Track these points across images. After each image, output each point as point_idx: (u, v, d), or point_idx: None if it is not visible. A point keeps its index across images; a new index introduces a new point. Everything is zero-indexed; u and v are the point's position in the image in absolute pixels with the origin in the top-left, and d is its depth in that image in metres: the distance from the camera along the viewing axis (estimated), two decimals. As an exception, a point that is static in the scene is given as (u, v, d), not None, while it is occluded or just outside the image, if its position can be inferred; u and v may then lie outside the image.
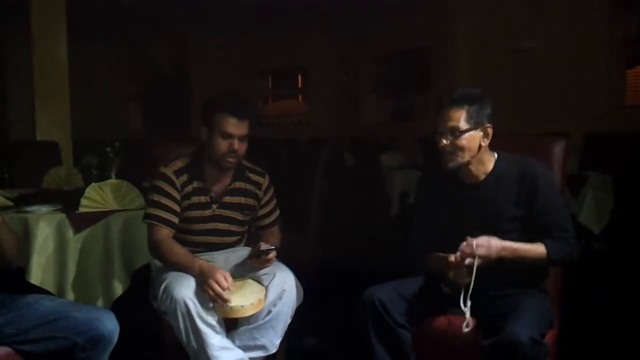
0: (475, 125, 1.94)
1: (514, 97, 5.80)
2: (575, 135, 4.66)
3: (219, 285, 2.00)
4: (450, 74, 7.14)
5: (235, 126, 2.18)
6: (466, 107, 1.93)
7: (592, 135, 5.16)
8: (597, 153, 4.86)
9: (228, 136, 2.18)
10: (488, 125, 1.96)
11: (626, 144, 4.79)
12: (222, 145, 2.19)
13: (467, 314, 1.82)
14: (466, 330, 1.81)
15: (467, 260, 1.82)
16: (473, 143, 1.95)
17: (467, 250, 1.83)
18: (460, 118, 1.93)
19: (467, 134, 1.93)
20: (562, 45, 6.02)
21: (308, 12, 7.86)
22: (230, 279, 2.04)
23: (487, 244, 1.85)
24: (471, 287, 1.83)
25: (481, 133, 1.95)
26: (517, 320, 1.73)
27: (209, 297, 2.01)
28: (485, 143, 1.97)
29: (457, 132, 1.93)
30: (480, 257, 1.83)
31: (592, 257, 4.10)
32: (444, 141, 1.95)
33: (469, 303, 1.83)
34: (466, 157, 1.96)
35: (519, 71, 6.42)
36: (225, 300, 2.00)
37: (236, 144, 2.19)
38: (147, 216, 2.22)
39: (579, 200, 4.27)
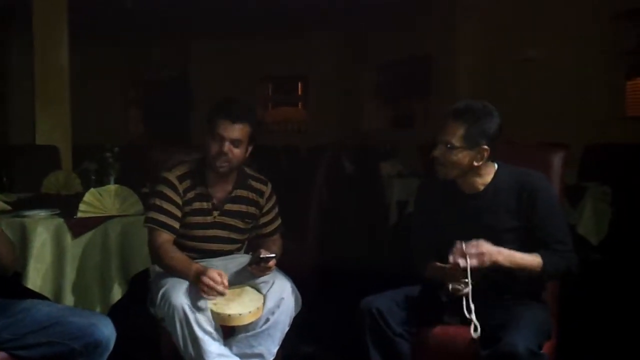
0: (470, 145, 1.90)
1: (514, 106, 5.80)
2: (575, 146, 4.66)
3: (212, 280, 1.98)
4: (451, 82, 7.16)
5: (226, 128, 2.15)
6: (467, 124, 1.90)
7: (591, 146, 5.16)
8: (597, 164, 4.86)
9: (219, 138, 2.16)
10: (485, 147, 1.91)
11: (626, 155, 4.79)
12: (213, 147, 2.17)
13: (473, 317, 1.80)
14: (475, 335, 1.79)
15: (462, 263, 1.80)
16: (464, 161, 1.92)
17: (458, 253, 1.81)
18: (457, 134, 1.90)
19: (459, 152, 1.91)
20: (562, 55, 6.03)
21: (309, 19, 7.89)
22: (225, 276, 2.03)
23: (477, 244, 1.83)
24: (470, 290, 1.80)
25: (475, 153, 1.92)
26: (515, 331, 1.72)
27: (204, 293, 1.99)
28: (479, 163, 1.94)
29: (449, 147, 1.92)
30: (471, 256, 1.80)
31: (591, 268, 4.09)
32: (437, 152, 1.95)
33: (472, 307, 1.81)
34: (454, 172, 1.96)
35: (519, 81, 6.43)
36: (221, 293, 1.99)
37: (226, 146, 2.16)
38: (147, 220, 2.22)
39: (577, 211, 4.26)
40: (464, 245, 1.82)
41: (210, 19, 7.81)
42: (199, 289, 2.01)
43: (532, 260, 1.88)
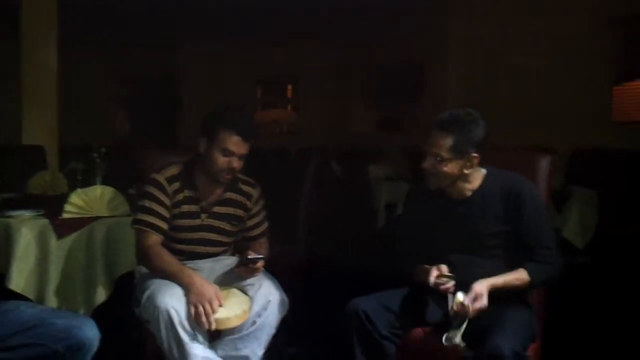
0: (459, 155, 1.91)
1: (502, 111, 5.85)
2: (562, 150, 4.69)
3: (211, 306, 1.99)
4: (441, 87, 7.19)
5: (238, 145, 2.17)
6: (454, 135, 1.90)
7: (578, 151, 5.21)
8: (583, 168, 4.90)
9: (229, 154, 2.17)
10: (474, 154, 1.93)
11: (612, 160, 4.83)
12: (221, 161, 2.17)
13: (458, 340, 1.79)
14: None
15: (470, 313, 1.80)
16: (455, 170, 1.94)
17: (462, 311, 1.80)
18: (445, 146, 1.91)
19: (449, 163, 1.92)
20: (550, 62, 6.09)
21: (299, 22, 7.89)
22: (222, 297, 2.04)
23: (475, 298, 1.81)
24: (463, 328, 1.80)
25: (465, 162, 1.93)
26: (500, 333, 1.73)
27: (195, 314, 1.99)
28: (469, 170, 1.95)
29: (439, 159, 1.92)
30: (475, 312, 1.80)
31: (576, 271, 4.12)
32: (426, 164, 1.95)
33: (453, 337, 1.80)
34: (447, 181, 1.97)
35: (507, 86, 6.48)
36: (210, 325, 1.99)
37: (235, 162, 2.18)
38: (136, 222, 2.20)
39: (563, 215, 4.29)
40: (465, 300, 1.80)
41: (200, 20, 7.79)
42: (190, 302, 2.01)
43: (518, 278, 1.91)
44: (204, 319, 1.98)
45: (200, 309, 1.98)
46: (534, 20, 6.21)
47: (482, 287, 1.84)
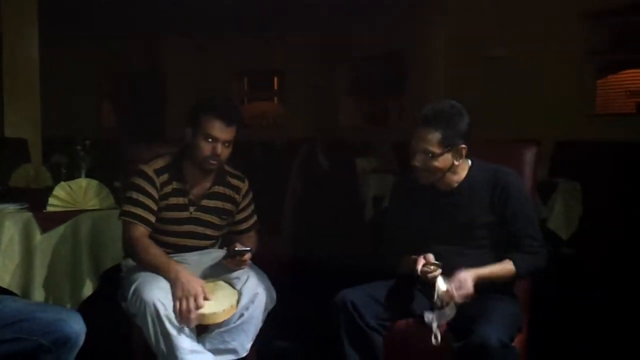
0: (448, 148, 1.92)
1: (487, 104, 5.89)
2: (546, 143, 4.74)
3: (196, 302, 1.98)
4: (425, 79, 7.21)
5: (220, 130, 2.15)
6: (441, 129, 1.90)
7: (562, 143, 5.26)
8: (567, 160, 4.95)
9: (212, 139, 2.15)
10: (462, 146, 1.94)
11: (595, 152, 4.89)
12: (205, 148, 2.16)
13: (435, 329, 1.83)
14: (435, 343, 1.82)
15: (456, 299, 1.82)
16: (445, 163, 1.95)
17: (447, 298, 1.82)
18: (434, 140, 1.91)
19: (439, 157, 1.93)
20: (534, 53, 6.12)
21: (285, 15, 7.86)
22: (207, 292, 2.03)
23: (460, 283, 1.83)
24: (451, 314, 1.84)
25: (454, 154, 1.94)
26: (487, 324, 1.74)
27: (180, 310, 1.98)
28: (459, 162, 1.96)
29: (429, 155, 1.93)
30: (461, 298, 1.82)
31: (561, 263, 4.16)
32: (417, 162, 1.95)
33: (434, 319, 1.83)
34: (438, 175, 1.97)
35: (492, 78, 6.51)
36: (191, 321, 1.99)
37: (219, 148, 2.16)
38: (123, 213, 2.18)
39: (548, 206, 4.34)
40: (453, 288, 1.81)
41: (186, 13, 7.72)
42: (175, 296, 2.00)
43: (504, 268, 1.92)
44: (186, 314, 1.97)
45: (185, 305, 1.98)
46: (518, 14, 6.24)
47: (466, 274, 1.85)
